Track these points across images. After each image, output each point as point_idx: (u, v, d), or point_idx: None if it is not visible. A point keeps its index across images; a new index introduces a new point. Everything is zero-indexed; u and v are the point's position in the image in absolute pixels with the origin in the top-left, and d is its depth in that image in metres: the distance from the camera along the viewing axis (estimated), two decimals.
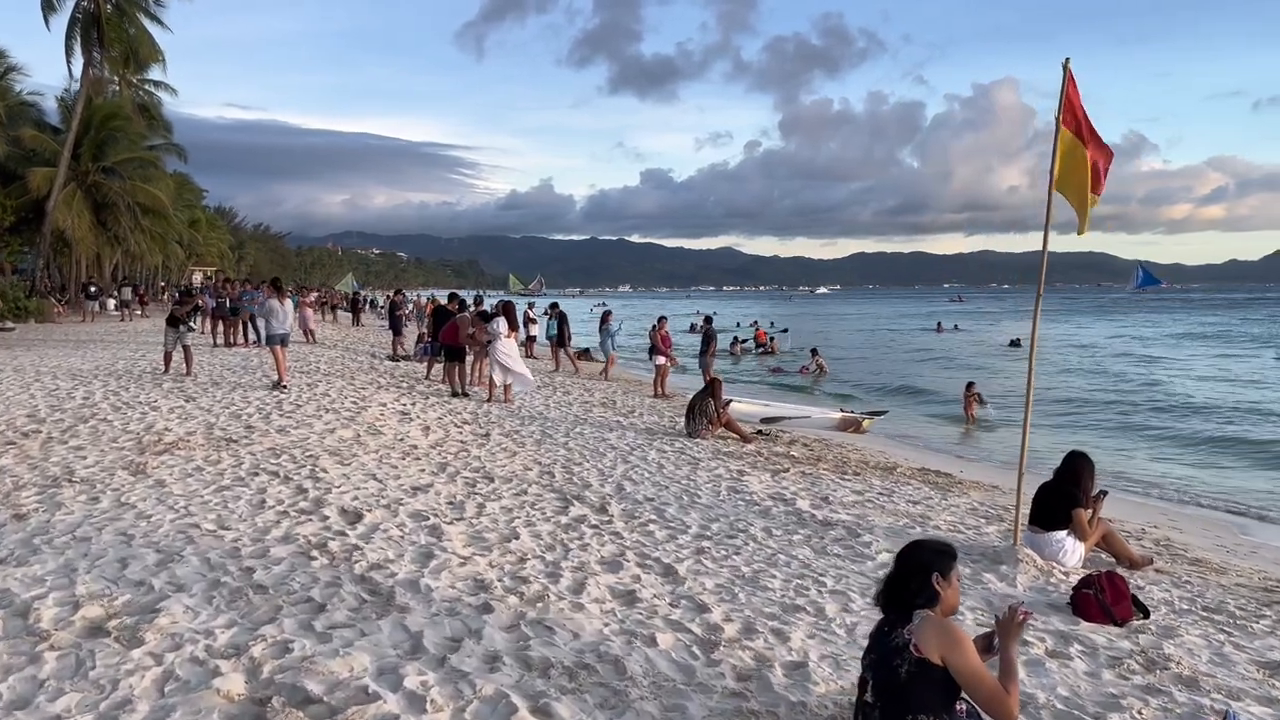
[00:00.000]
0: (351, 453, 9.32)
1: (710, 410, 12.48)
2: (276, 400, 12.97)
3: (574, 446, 11.07)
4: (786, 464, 10.82)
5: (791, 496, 8.72)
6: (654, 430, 13.16)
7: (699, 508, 8.02)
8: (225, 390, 13.86)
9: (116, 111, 47.20)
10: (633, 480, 9.11)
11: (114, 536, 5.84)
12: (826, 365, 28.44)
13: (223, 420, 10.95)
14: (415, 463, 9.16)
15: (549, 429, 12.45)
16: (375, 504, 7.13)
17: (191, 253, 76.61)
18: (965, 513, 8.67)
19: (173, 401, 12.45)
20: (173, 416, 11.07)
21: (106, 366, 17.04)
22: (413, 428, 11.55)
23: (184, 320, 15.87)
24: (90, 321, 35.74)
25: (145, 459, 8.33)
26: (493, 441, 11.04)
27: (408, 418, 12.42)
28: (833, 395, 23.41)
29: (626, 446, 11.36)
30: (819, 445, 12.98)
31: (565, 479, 8.94)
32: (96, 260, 52.85)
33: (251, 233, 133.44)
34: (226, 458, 8.58)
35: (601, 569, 5.89)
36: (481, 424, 12.49)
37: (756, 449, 12.03)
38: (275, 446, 9.33)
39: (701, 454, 11.19)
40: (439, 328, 17.85)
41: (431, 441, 10.66)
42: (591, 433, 12.39)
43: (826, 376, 27.52)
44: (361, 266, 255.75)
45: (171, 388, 14.00)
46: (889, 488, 9.71)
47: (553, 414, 14.19)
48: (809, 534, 7.27)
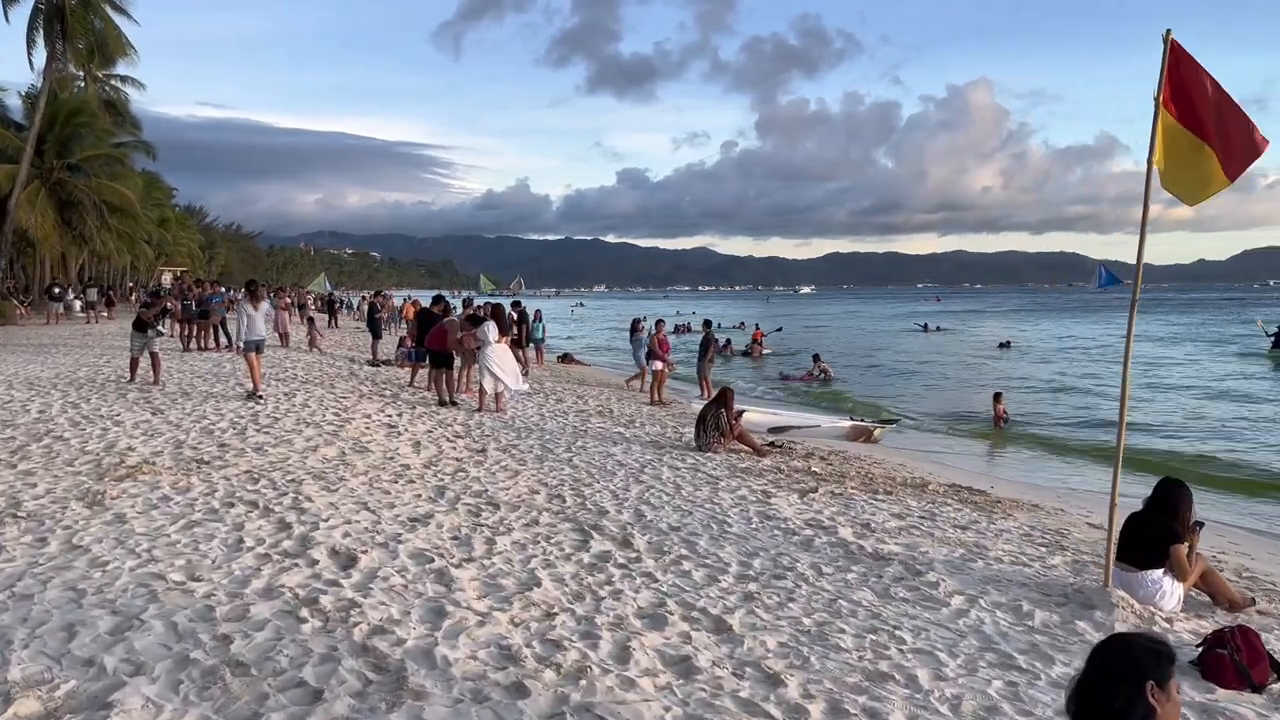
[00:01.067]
0: (338, 476, 8.37)
1: (722, 422, 11.62)
2: (252, 413, 11.97)
3: (579, 464, 10.17)
4: (810, 482, 9.98)
5: (830, 523, 7.86)
6: (660, 443, 12.29)
7: (732, 538, 7.15)
8: (196, 401, 12.84)
9: (82, 107, 45.73)
10: (651, 504, 8.23)
11: (61, 593, 4.89)
12: (831, 370, 27.58)
13: (193, 437, 9.96)
14: (409, 486, 8.23)
15: (549, 443, 11.54)
16: (370, 542, 6.20)
17: (161, 253, 74.88)
18: (1020, 539, 7.86)
19: (138, 415, 11.42)
20: (137, 433, 10.05)
21: (67, 374, 15.93)
22: (402, 443, 10.61)
23: (151, 324, 14.80)
24: (54, 324, 34.36)
25: (104, 487, 7.35)
26: (490, 459, 10.12)
27: (395, 432, 11.47)
28: (839, 402, 22.57)
29: (635, 463, 10.48)
30: (837, 459, 12.15)
31: (577, 504, 8.04)
32: (62, 260, 51.34)
33: (223, 232, 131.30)
34: (197, 484, 7.60)
35: (643, 625, 5.00)
36: (475, 438, 11.56)
37: (773, 463, 11.19)
38: (253, 469, 8.36)
39: (717, 471, 10.33)
40: (423, 332, 16.89)
41: (424, 460, 9.72)
42: (595, 447, 11.50)
43: (831, 382, 26.71)
44: (334, 266, 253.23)
45: (137, 398, 12.96)
46: (928, 509, 8.89)
47: (549, 425, 13.28)
48: (863, 571, 6.41)
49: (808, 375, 27.09)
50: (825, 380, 26.67)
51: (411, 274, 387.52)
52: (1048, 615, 5.63)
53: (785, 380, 27.10)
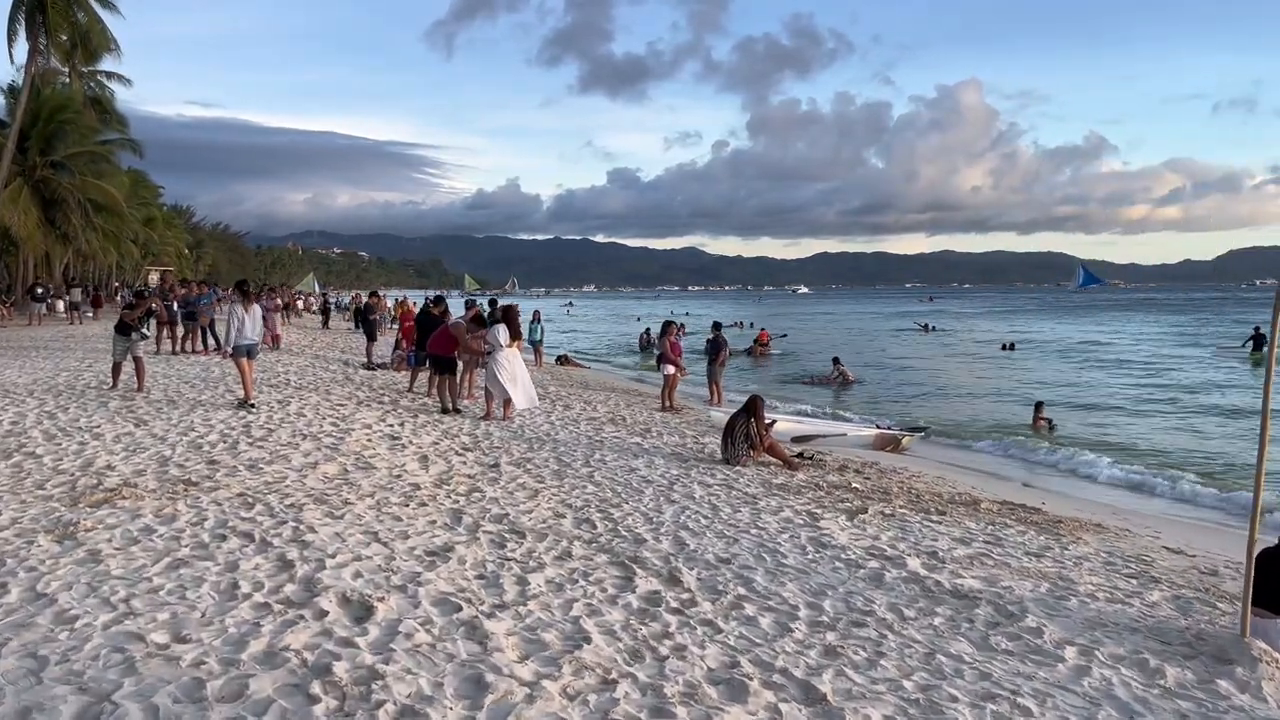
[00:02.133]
0: (342, 499, 7.51)
1: (752, 433, 10.80)
2: (244, 423, 11.09)
3: (602, 480, 9.34)
4: (854, 500, 9.18)
5: (893, 552, 7.05)
6: (683, 455, 11.46)
7: (790, 572, 6.32)
8: (183, 410, 11.94)
9: (66, 103, 44.65)
10: (690, 530, 7.41)
11: (19, 661, 4.03)
12: (850, 374, 26.71)
13: (180, 452, 9.08)
14: (422, 511, 7.38)
15: (564, 456, 10.70)
16: (386, 584, 5.35)
17: (148, 252, 73.72)
18: (1104, 569, 7.06)
19: (119, 426, 10.53)
20: (118, 448, 9.17)
21: (46, 380, 15.00)
22: (408, 458, 9.75)
23: (135, 327, 13.90)
24: (37, 325, 33.29)
25: (78, 515, 6.47)
26: (505, 475, 9.28)
27: (399, 444, 10.61)
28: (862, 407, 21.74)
29: (662, 479, 9.65)
30: (873, 472, 11.34)
31: (609, 530, 7.21)
32: (46, 260, 50.18)
33: (210, 232, 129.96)
34: (184, 511, 6.73)
35: (720, 694, 4.17)
36: (485, 450, 10.71)
37: (807, 478, 10.38)
38: (246, 491, 7.49)
39: (751, 487, 9.51)
40: (424, 334, 16.03)
41: (434, 477, 8.87)
42: (614, 460, 10.66)
43: (851, 386, 25.87)
44: (322, 266, 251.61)
45: (120, 407, 12.06)
46: (990, 532, 8.08)
47: (562, 435, 12.44)
48: (951, 615, 5.60)
49: (828, 379, 26.23)
50: (844, 384, 25.84)
51: (400, 274, 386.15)
52: (1180, 672, 4.83)
53: (808, 384, 26.27)
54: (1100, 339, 52.17)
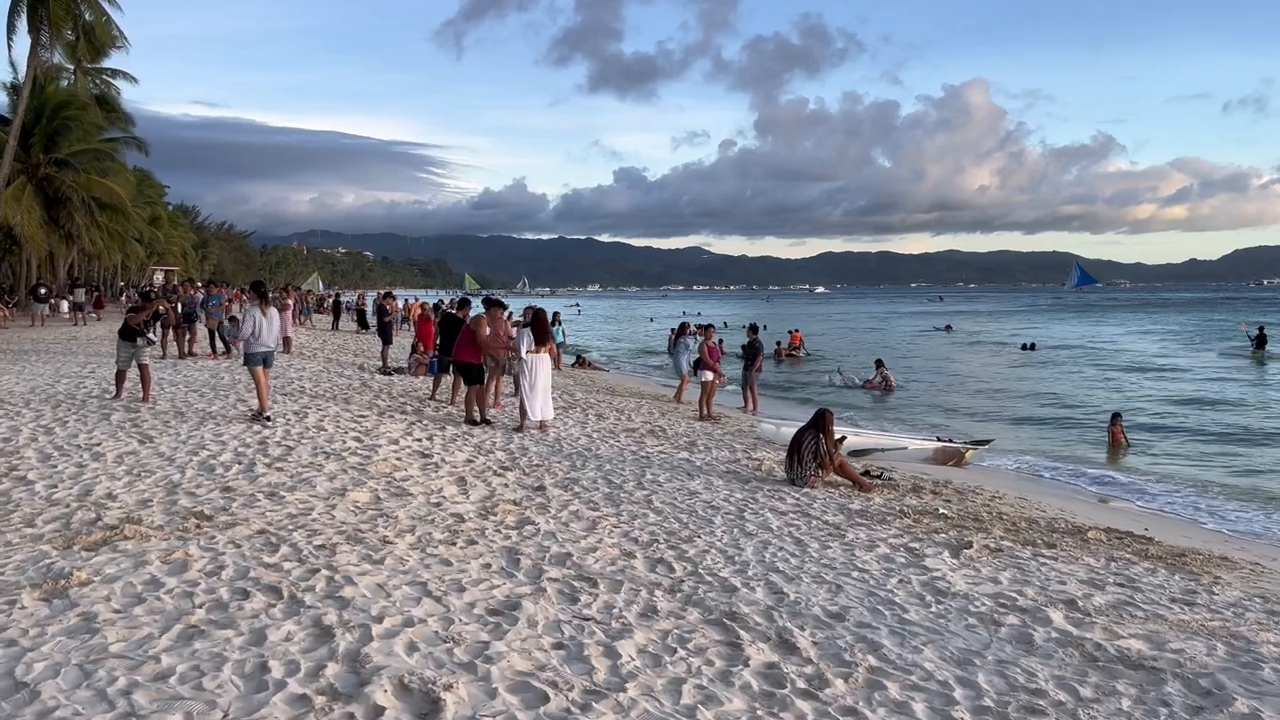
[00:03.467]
0: (379, 535, 6.48)
1: (822, 451, 9.76)
2: (260, 439, 10.09)
3: (661, 506, 8.32)
4: (946, 528, 8.16)
5: (1025, 600, 6.01)
6: (739, 474, 10.44)
7: (919, 632, 5.29)
8: (192, 424, 10.94)
9: (70, 100, 43.78)
10: (781, 572, 6.38)
11: None
12: (894, 378, 25.59)
13: (190, 476, 8.06)
14: (471, 550, 6.36)
15: (612, 476, 9.68)
16: (449, 660, 4.32)
17: (152, 251, 72.94)
18: (1270, 620, 6.01)
19: (123, 443, 9.52)
20: (120, 471, 8.16)
21: (44, 388, 14.01)
22: (444, 480, 8.73)
23: (141, 331, 12.90)
24: (39, 327, 32.37)
25: (71, 562, 5.46)
26: (553, 500, 8.26)
27: (431, 462, 9.60)
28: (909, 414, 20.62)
29: (728, 504, 8.64)
30: (949, 490, 10.31)
31: (689, 574, 6.19)
32: (49, 259, 49.31)
33: (215, 231, 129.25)
34: (196, 555, 5.71)
35: None
36: (525, 469, 9.70)
37: (884, 501, 9.35)
38: (268, 527, 6.47)
39: (829, 514, 8.49)
40: (447, 339, 15.03)
41: (477, 504, 7.85)
42: (669, 481, 9.64)
43: (894, 391, 24.75)
44: (327, 266, 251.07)
45: (123, 420, 11.06)
46: (1118, 571, 7.04)
47: (602, 450, 11.43)
48: (1136, 694, 4.56)
49: (870, 384, 25.12)
50: (887, 389, 24.73)
51: (405, 273, 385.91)
52: None
53: (847, 388, 25.21)
54: (1116, 339, 51.40)
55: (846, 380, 25.94)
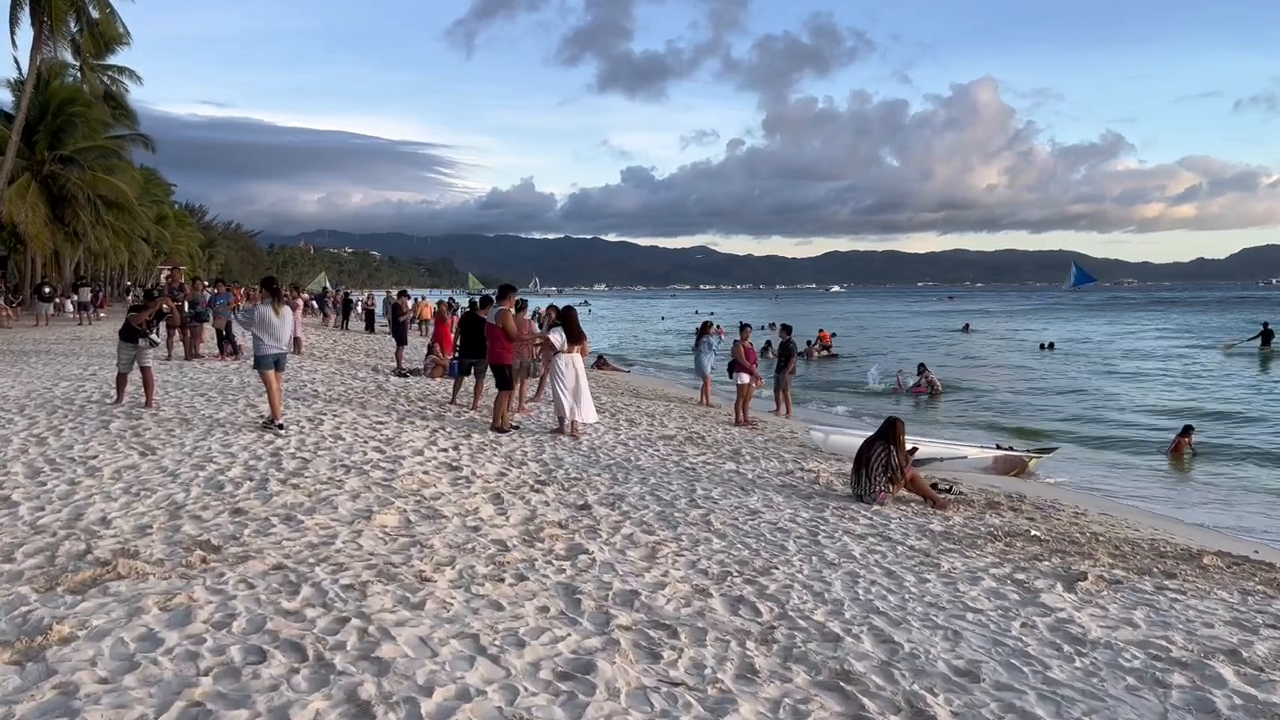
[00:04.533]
0: (414, 570, 5.56)
1: (893, 464, 8.83)
2: (272, 450, 9.18)
3: (723, 529, 7.41)
4: (1043, 553, 7.23)
5: (1180, 651, 5.07)
6: (797, 488, 9.52)
7: (1077, 699, 4.35)
8: (198, 433, 10.04)
9: (75, 96, 42.98)
10: (884, 614, 5.46)
11: None
12: (939, 382, 24.51)
13: (195, 495, 7.16)
14: (523, 587, 5.44)
15: (659, 491, 8.77)
16: None
17: (159, 251, 72.22)
18: None
19: (122, 455, 8.62)
20: (117, 489, 7.25)
21: (42, 392, 13.13)
22: (478, 498, 7.83)
23: (144, 332, 12.02)
24: (44, 326, 31.57)
25: (52, 609, 4.56)
26: (602, 522, 7.35)
27: (461, 476, 8.70)
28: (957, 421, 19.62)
29: (795, 524, 7.72)
30: (1027, 505, 9.38)
31: (778, 617, 5.27)
32: (55, 258, 48.55)
33: (222, 231, 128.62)
34: (202, 598, 4.80)
35: None
36: (564, 484, 8.78)
37: (964, 520, 8.42)
38: (285, 561, 5.56)
39: (911, 536, 7.56)
40: (468, 340, 14.14)
41: (518, 527, 6.94)
42: (722, 496, 8.73)
43: (941, 396, 23.72)
44: (334, 265, 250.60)
45: (123, 429, 10.16)
46: (1267, 610, 6.08)
47: (643, 461, 10.51)
48: None
49: (917, 388, 24.08)
50: (933, 394, 23.71)
51: (411, 273, 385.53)
52: None
53: (895, 392, 24.21)
54: (1135, 340, 50.57)
55: (899, 385, 24.95)
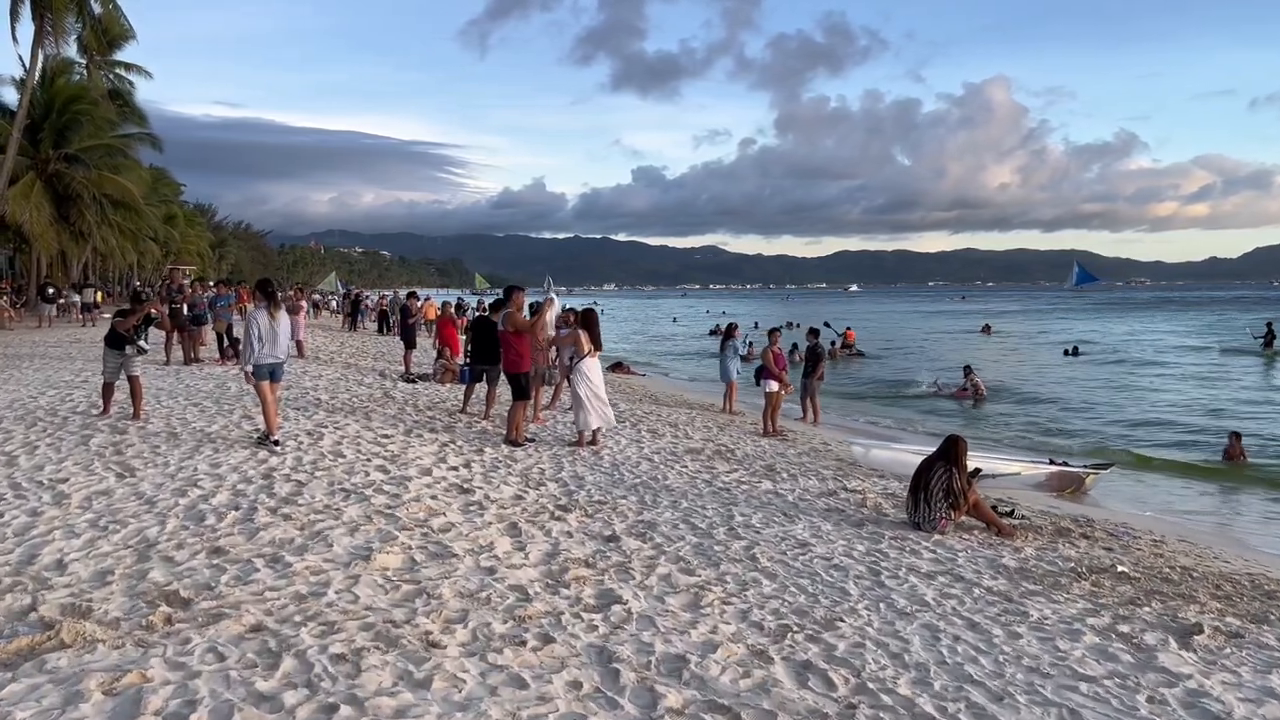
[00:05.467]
0: (419, 632, 4.66)
1: (955, 488, 7.91)
2: (265, 470, 8.31)
3: (770, 564, 6.51)
4: (1138, 595, 6.32)
5: None
6: (843, 511, 8.61)
7: None
8: (186, 449, 9.17)
9: (81, 94, 42.28)
10: (979, 683, 4.55)
11: None
12: (984, 386, 23.34)
13: (171, 529, 6.28)
14: (549, 652, 4.54)
15: (693, 517, 7.88)
16: None
17: (169, 250, 71.64)
18: None
19: (96, 479, 7.76)
20: (84, 521, 6.38)
21: (25, 401, 12.31)
22: (492, 528, 6.94)
23: (130, 338, 11.17)
24: (47, 327, 30.86)
25: None
26: (633, 557, 6.46)
27: (473, 501, 7.82)
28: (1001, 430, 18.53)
29: (851, 560, 6.81)
30: (1099, 532, 8.44)
31: (858, 692, 4.37)
32: (62, 259, 47.91)
33: (233, 231, 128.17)
34: (158, 675, 3.90)
35: None
36: (586, 508, 7.90)
37: (1035, 550, 7.51)
38: (265, 620, 4.66)
39: (984, 572, 6.65)
40: (480, 345, 13.28)
41: (539, 567, 6.05)
42: (763, 524, 7.83)
43: (984, 400, 22.66)
44: (344, 265, 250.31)
45: (105, 444, 9.31)
46: None
47: (670, 479, 9.62)
48: None
49: (960, 391, 23.05)
50: (977, 398, 22.65)
51: (421, 273, 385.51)
52: None
53: (938, 395, 23.20)
54: (1156, 338, 49.80)
55: (941, 388, 23.98)
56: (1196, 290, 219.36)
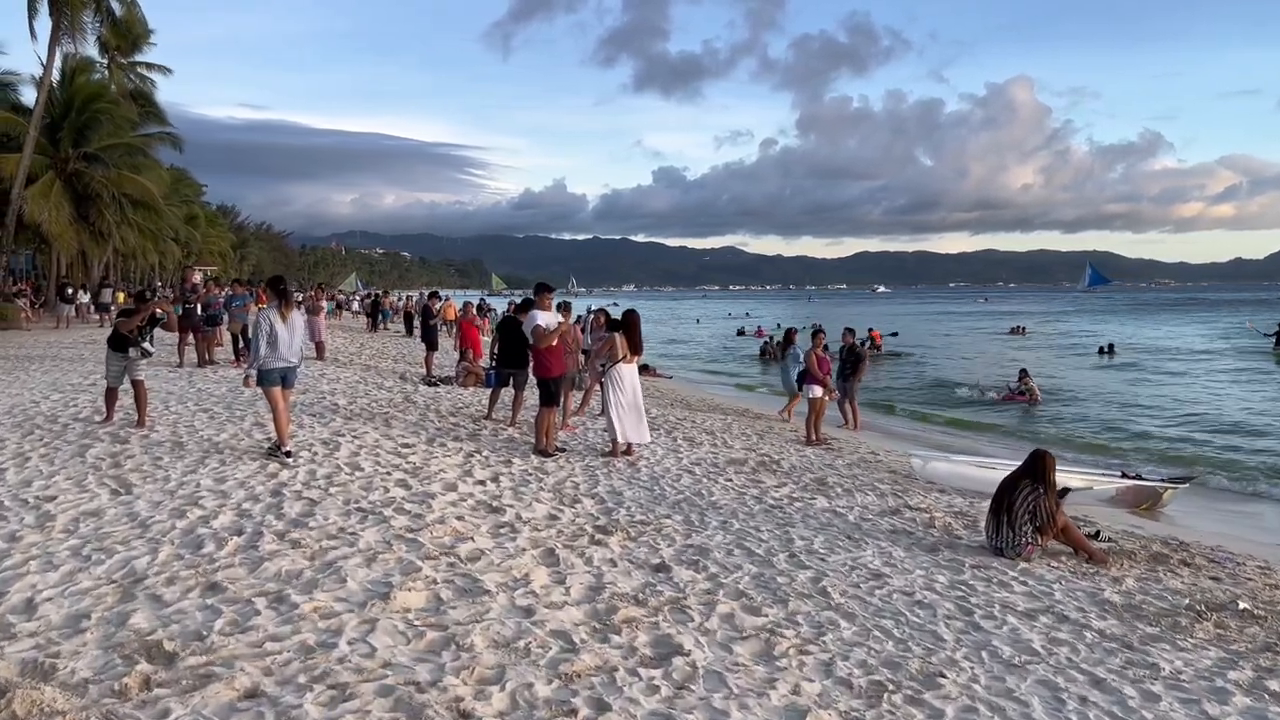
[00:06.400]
0: (447, 696, 3.87)
1: (1043, 511, 7.05)
2: (274, 486, 7.56)
3: (844, 600, 5.68)
4: (1272, 638, 5.45)
5: None
6: (911, 533, 7.76)
7: None
8: (190, 461, 8.43)
9: (100, 92, 41.90)
10: None
11: None
12: (1038, 390, 22.21)
13: (163, 559, 5.51)
14: None
15: (747, 540, 7.05)
16: None
17: (190, 251, 71.46)
18: None
19: (88, 496, 7.01)
20: (65, 549, 5.62)
21: (27, 407, 11.65)
22: (527, 555, 6.14)
23: (134, 340, 10.46)
24: (64, 328, 30.39)
25: None
26: (687, 591, 5.64)
27: (504, 522, 7.03)
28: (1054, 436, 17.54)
29: (934, 594, 5.97)
30: (1200, 559, 7.55)
31: None
32: (82, 258, 47.60)
33: (254, 231, 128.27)
34: None
35: None
36: (628, 529, 7.09)
37: (1137, 582, 6.64)
38: (263, 681, 3.88)
39: (1089, 610, 5.79)
40: (508, 347, 12.50)
41: (583, 605, 5.24)
42: (826, 548, 7.00)
43: (1038, 404, 21.62)
44: (365, 266, 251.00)
45: (103, 455, 8.58)
46: None
47: (716, 494, 8.80)
48: None
49: (1012, 394, 22.04)
50: (1032, 402, 21.63)
51: (442, 273, 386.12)
52: None
53: (990, 399, 22.21)
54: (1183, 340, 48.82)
55: (993, 391, 23.03)
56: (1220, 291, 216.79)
